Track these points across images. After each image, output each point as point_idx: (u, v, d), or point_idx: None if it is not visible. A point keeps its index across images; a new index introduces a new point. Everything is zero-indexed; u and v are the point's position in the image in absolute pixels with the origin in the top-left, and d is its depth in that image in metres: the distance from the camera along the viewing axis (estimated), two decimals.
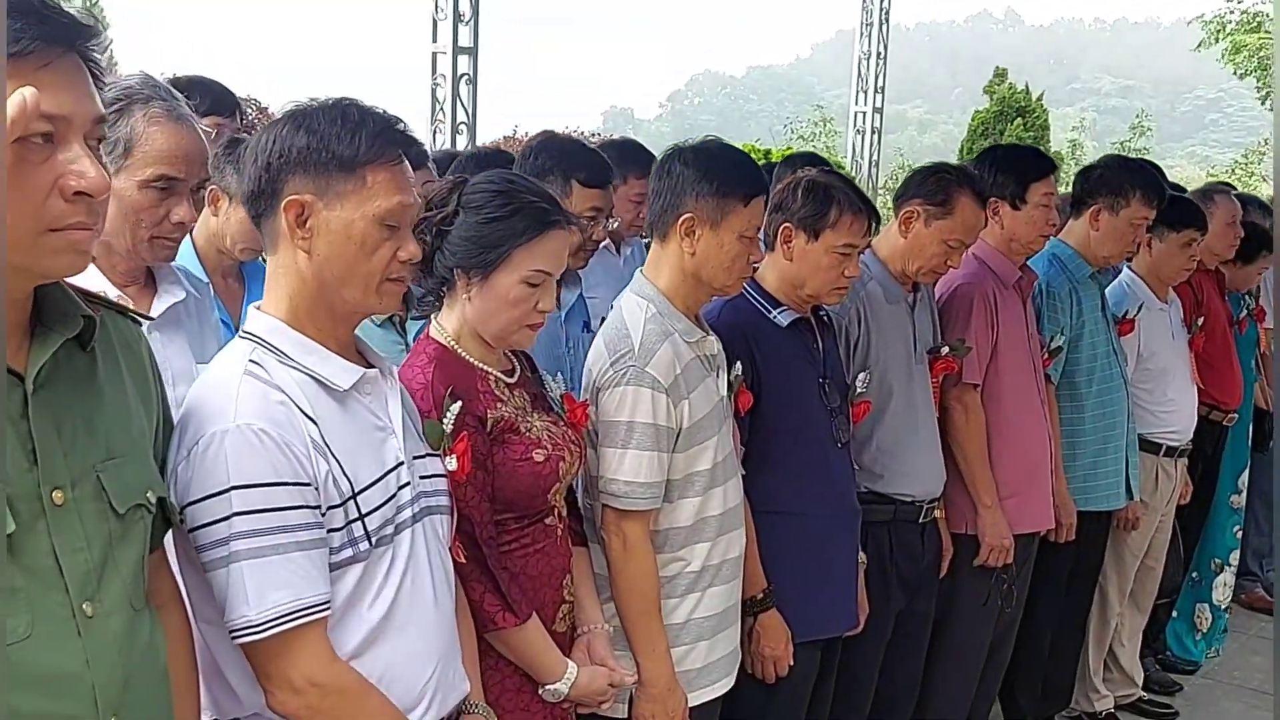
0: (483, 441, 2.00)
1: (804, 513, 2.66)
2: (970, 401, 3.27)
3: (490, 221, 2.00)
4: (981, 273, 3.35)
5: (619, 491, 2.23)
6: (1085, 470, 3.71)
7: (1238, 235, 4.49)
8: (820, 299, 2.69)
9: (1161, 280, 4.08)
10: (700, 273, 2.32)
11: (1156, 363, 4.04)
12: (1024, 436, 3.38)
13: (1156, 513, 4.14)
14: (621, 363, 2.25)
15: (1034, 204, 3.33)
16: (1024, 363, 3.39)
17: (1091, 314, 3.70)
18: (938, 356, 3.15)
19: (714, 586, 2.36)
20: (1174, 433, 4.08)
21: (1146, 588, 4.29)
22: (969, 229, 3.00)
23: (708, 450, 2.31)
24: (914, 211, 3.02)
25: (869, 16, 9.91)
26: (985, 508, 3.27)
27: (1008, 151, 3.44)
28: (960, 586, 3.35)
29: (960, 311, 3.28)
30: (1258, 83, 18.23)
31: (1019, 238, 3.36)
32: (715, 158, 2.31)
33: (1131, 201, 3.64)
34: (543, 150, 2.82)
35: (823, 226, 2.61)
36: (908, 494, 3.05)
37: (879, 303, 3.03)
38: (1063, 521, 3.61)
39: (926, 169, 3.05)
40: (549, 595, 2.11)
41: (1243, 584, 5.54)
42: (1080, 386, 3.69)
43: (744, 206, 2.28)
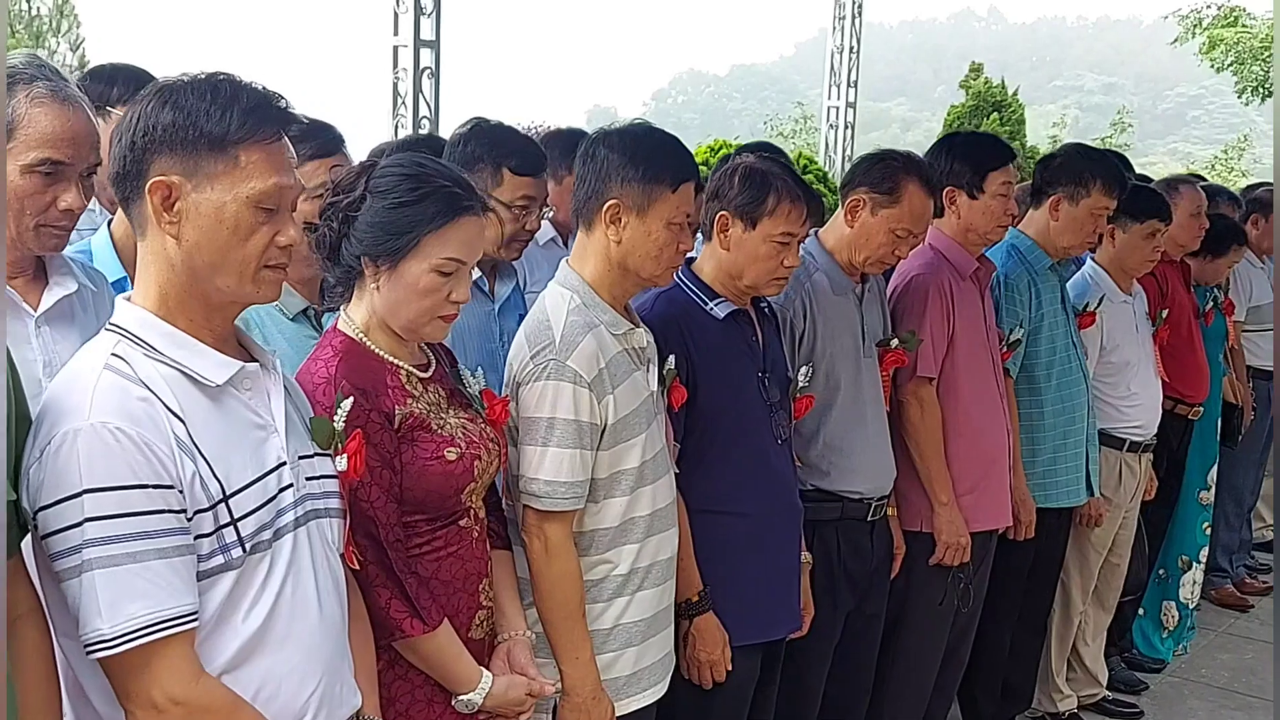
0: (390, 439, 1.89)
1: (742, 512, 2.56)
2: (925, 396, 3.18)
3: (398, 207, 1.90)
4: (937, 263, 3.26)
5: (539, 491, 2.13)
6: (1045, 466, 3.62)
7: (1202, 226, 4.42)
8: (759, 290, 2.59)
9: (1125, 272, 4.00)
10: (627, 262, 2.22)
11: (1119, 356, 3.95)
12: (981, 431, 3.29)
13: (1120, 509, 4.05)
14: (542, 356, 2.14)
15: (991, 193, 3.24)
16: (981, 356, 3.30)
17: (1051, 306, 3.61)
18: (887, 349, 3.05)
19: (643, 590, 2.26)
20: (1137, 427, 4.00)
21: (1111, 585, 4.21)
22: (917, 218, 2.90)
23: (635, 448, 2.21)
24: (860, 200, 2.92)
25: (842, 10, 9.82)
26: (941, 505, 3.18)
27: (965, 140, 3.35)
28: (915, 586, 3.25)
29: (915, 303, 3.19)
30: (1235, 77, 18.22)
31: (976, 228, 3.27)
32: (641, 141, 2.21)
33: (1092, 191, 3.55)
34: (472, 137, 2.70)
35: (760, 214, 2.51)
36: (856, 491, 2.95)
37: (825, 294, 2.94)
38: (1022, 519, 3.52)
39: (873, 156, 2.96)
40: (463, 601, 2.00)
41: (1212, 580, 5.47)
42: (1039, 380, 3.60)
43: (672, 192, 2.18)
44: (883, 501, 3.03)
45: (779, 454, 2.64)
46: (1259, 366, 5.40)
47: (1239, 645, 5.04)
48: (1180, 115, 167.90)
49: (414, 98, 6.72)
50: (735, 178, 2.54)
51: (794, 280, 2.90)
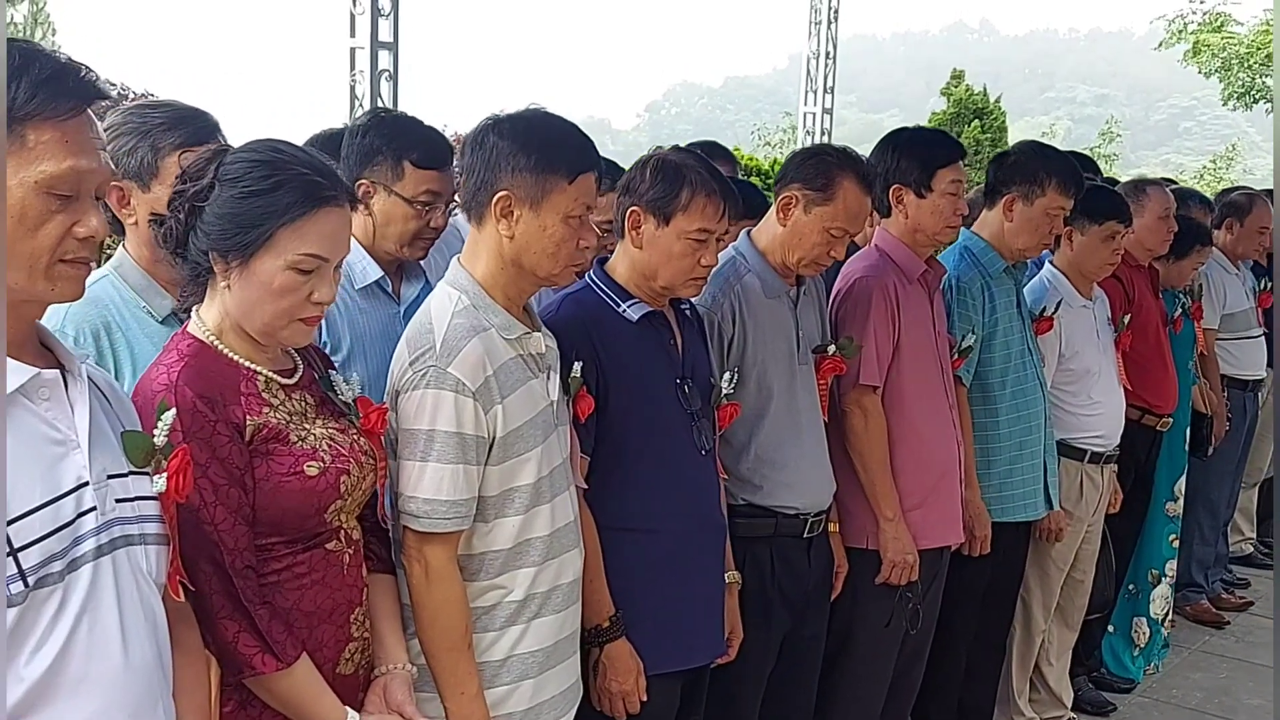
0: (239, 453, 1.71)
1: (658, 529, 2.38)
2: (870, 405, 3.01)
3: (248, 196, 1.72)
4: (882, 265, 3.09)
5: (418, 510, 1.95)
6: (1000, 478, 3.45)
7: (1171, 229, 4.25)
8: (675, 290, 2.42)
9: (1084, 275, 3.83)
10: (521, 259, 2.04)
11: (1080, 363, 3.78)
12: (930, 442, 3.12)
13: (1083, 523, 3.88)
14: (421, 362, 1.96)
15: (940, 192, 3.07)
16: (930, 363, 3.13)
17: (1006, 311, 3.44)
18: (825, 356, 2.88)
19: (541, 617, 2.08)
20: (1099, 437, 3.83)
21: (1075, 602, 4.04)
22: (852, 216, 2.73)
23: (529, 462, 2.03)
24: (792, 197, 2.75)
25: (817, 16, 9.69)
26: (886, 520, 3.01)
27: (912, 135, 3.18)
28: (860, 607, 3.08)
29: (858, 307, 3.02)
30: (1221, 82, 18.13)
31: (924, 228, 3.10)
32: (535, 128, 2.03)
33: (1047, 190, 3.39)
34: (371, 128, 2.53)
35: (673, 210, 2.34)
36: (790, 506, 2.78)
37: (756, 297, 2.77)
38: (976, 534, 3.35)
39: (806, 151, 2.79)
40: (329, 633, 1.82)
41: (1187, 595, 5.31)
42: (994, 389, 3.43)
43: (569, 183, 2.01)
44: (820, 517, 2.85)
45: (700, 466, 2.46)
46: (1234, 375, 5.24)
47: (1213, 664, 4.86)
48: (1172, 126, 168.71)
49: (371, 101, 6.55)
50: (646, 171, 2.37)
51: (723, 282, 2.75)
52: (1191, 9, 18.50)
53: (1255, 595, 5.64)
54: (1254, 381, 5.31)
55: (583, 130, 2.08)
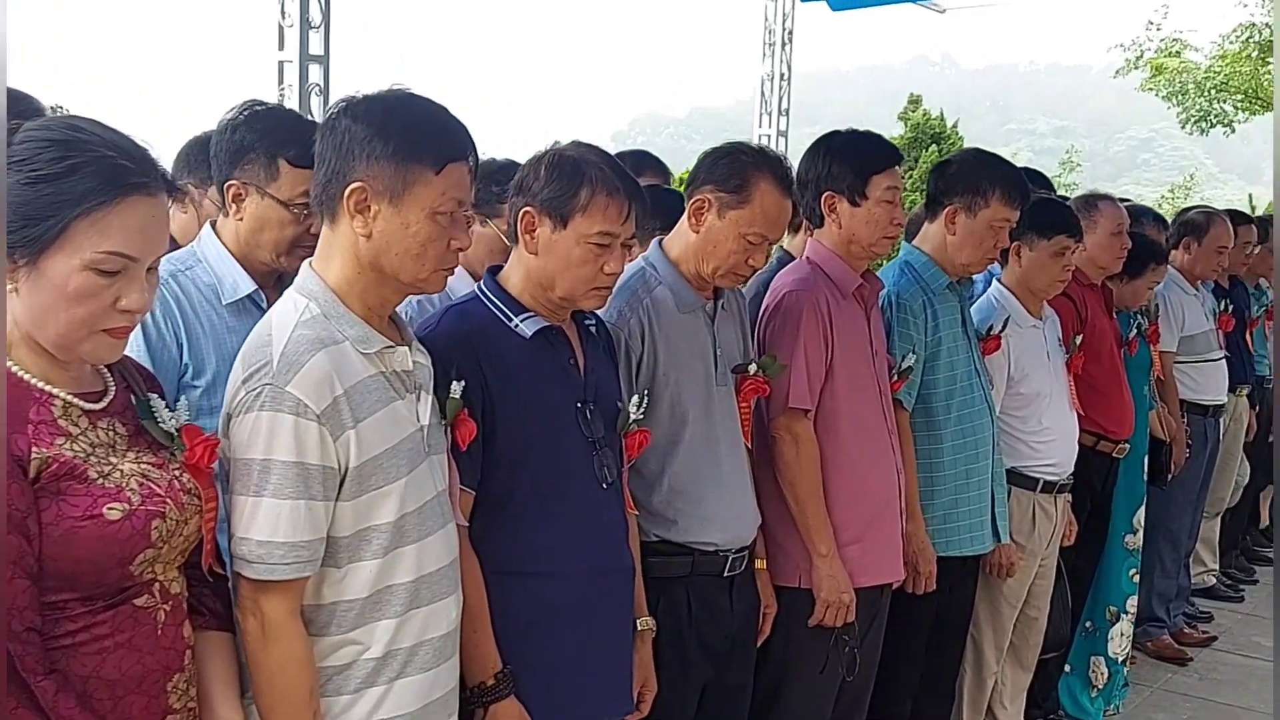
0: (22, 494, 1.44)
1: (554, 572, 2.11)
2: (801, 431, 2.76)
3: (36, 182, 1.46)
4: (813, 279, 2.85)
5: (251, 555, 1.67)
6: (945, 509, 3.21)
7: (1124, 246, 4.05)
8: (576, 302, 2.16)
9: (1033, 293, 3.62)
10: (381, 261, 1.78)
11: (1029, 386, 3.56)
12: (867, 471, 2.87)
13: (1035, 556, 3.65)
14: (255, 380, 1.69)
15: (875, 199, 2.84)
16: (867, 384, 2.89)
17: (950, 330, 3.21)
18: (746, 376, 2.63)
19: (406, 677, 1.80)
20: (1051, 465, 3.60)
21: (1029, 641, 3.80)
22: (771, 221, 2.49)
23: (390, 497, 1.76)
24: (705, 200, 2.51)
25: (771, 38, 9.54)
26: (820, 557, 2.75)
27: (845, 139, 2.95)
28: (793, 651, 2.82)
29: (786, 324, 2.78)
30: (1178, 108, 18.20)
31: (859, 238, 2.87)
32: (395, 110, 1.77)
33: (990, 201, 3.17)
34: (242, 124, 2.27)
35: (571, 211, 2.09)
36: (708, 542, 2.52)
37: (668, 312, 2.52)
38: (920, 570, 3.10)
39: (719, 150, 2.55)
40: (139, 705, 1.54)
41: (1149, 630, 5.09)
42: (937, 413, 3.19)
43: (435, 174, 1.75)
44: (743, 554, 2.59)
45: (604, 501, 2.20)
46: (1194, 400, 5.04)
47: (1175, 703, 4.63)
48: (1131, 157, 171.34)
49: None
50: (541, 168, 2.12)
51: (630, 295, 2.50)
52: (1148, 36, 18.60)
53: (1219, 629, 5.43)
54: (1215, 407, 5.12)
55: (454, 115, 1.82)
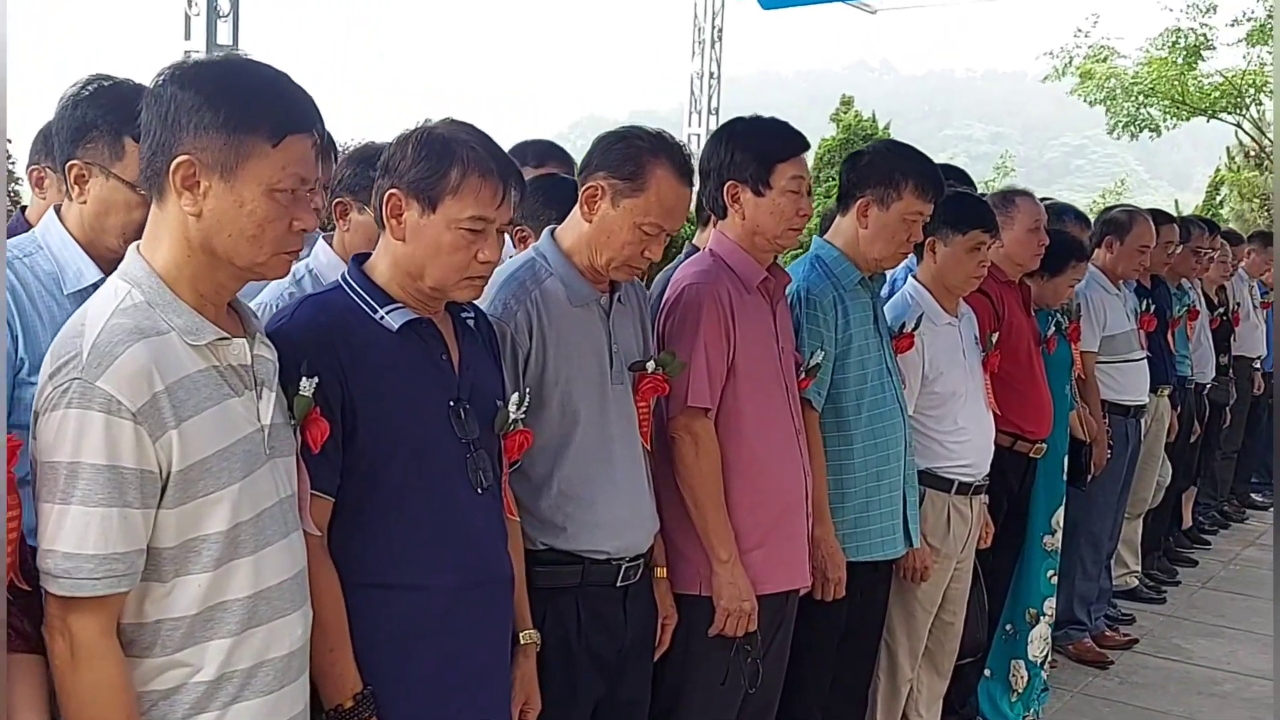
0: None
1: (421, 584, 1.96)
2: (700, 431, 2.63)
3: None
4: (715, 272, 2.72)
5: (57, 569, 1.50)
6: (856, 513, 3.10)
7: (1041, 243, 3.98)
8: (448, 293, 2.01)
9: (948, 290, 3.53)
10: (213, 243, 1.61)
11: (944, 385, 3.47)
12: (772, 473, 2.75)
13: (950, 559, 3.56)
14: (62, 375, 1.52)
15: (780, 189, 2.72)
16: (772, 383, 2.77)
17: (861, 327, 3.10)
18: (644, 374, 2.49)
19: (243, 701, 1.64)
20: (967, 466, 3.51)
21: (945, 646, 3.71)
22: (668, 210, 2.36)
23: (222, 504, 1.60)
24: (597, 188, 2.37)
25: (700, 35, 9.43)
26: (720, 563, 2.62)
27: (748, 126, 2.82)
28: (692, 663, 2.69)
29: (686, 319, 2.65)
30: (1106, 112, 18.44)
31: (764, 230, 2.74)
32: (229, 76, 1.61)
33: (903, 194, 3.07)
34: (87, 100, 2.09)
35: (440, 193, 1.93)
36: (600, 550, 2.38)
37: (559, 306, 2.37)
38: (829, 576, 2.99)
39: (612, 135, 2.41)
40: None
41: (1070, 633, 5.04)
42: (847, 413, 3.08)
43: (272, 147, 1.59)
44: (637, 562, 2.45)
45: (479, 507, 2.04)
46: (1115, 401, 5.00)
47: (1095, 708, 4.58)
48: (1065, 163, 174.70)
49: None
50: (409, 146, 1.96)
51: (517, 288, 2.35)
52: (1076, 43, 18.83)
53: (1141, 631, 5.40)
54: (1136, 407, 5.08)
55: (296, 84, 1.66)
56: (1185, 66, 17.38)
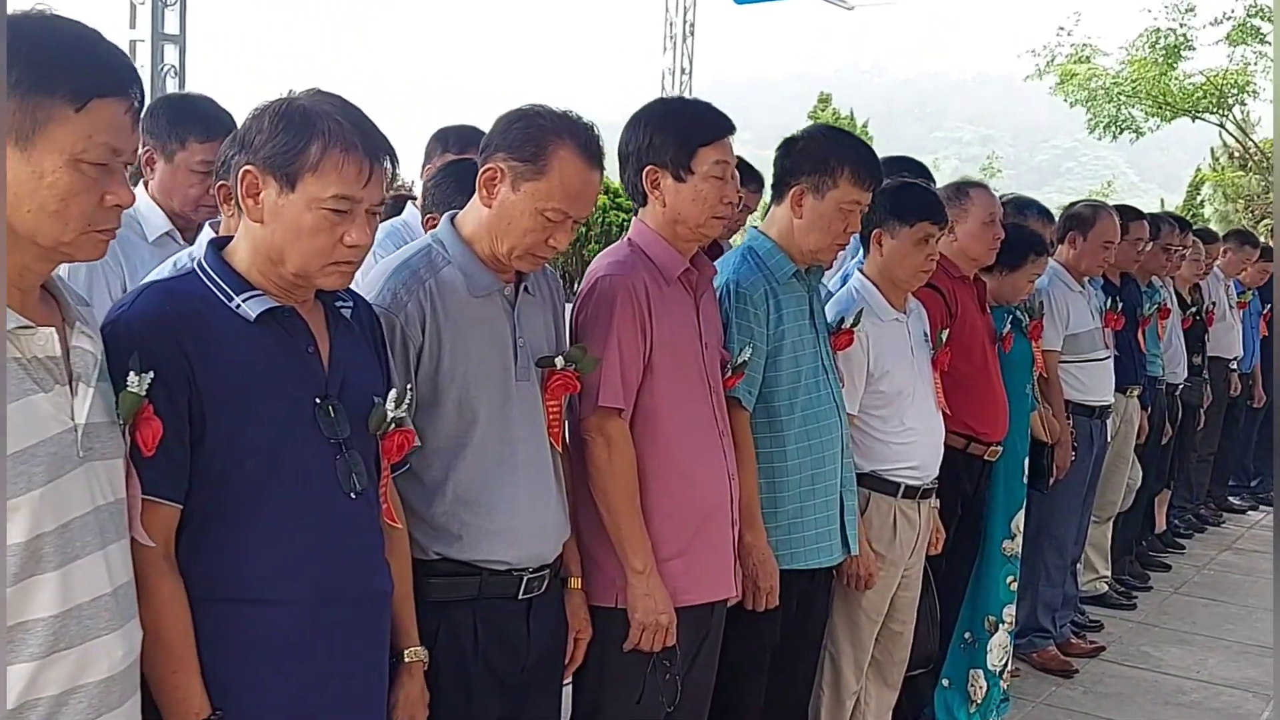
0: None
1: (277, 598, 1.79)
2: (613, 432, 2.46)
3: None
4: (633, 262, 2.56)
5: None
6: (790, 518, 2.94)
7: (997, 236, 3.83)
8: (311, 279, 1.84)
9: (896, 284, 3.37)
10: (13, 220, 1.43)
11: (890, 384, 3.31)
12: (693, 477, 2.59)
13: (897, 566, 3.40)
14: None
15: (703, 174, 2.55)
16: (694, 381, 2.61)
17: (796, 322, 2.94)
18: (553, 371, 2.33)
19: None
20: (913, 469, 3.35)
21: (894, 657, 3.55)
22: (573, 195, 2.19)
23: (19, 513, 1.43)
24: (496, 170, 2.20)
25: (672, 30, 9.26)
26: (635, 573, 2.46)
27: (669, 108, 2.65)
28: (609, 680, 2.53)
29: (600, 312, 2.48)
30: (1087, 113, 18.34)
31: (685, 218, 2.58)
32: (24, 33, 1.43)
33: (839, 181, 2.91)
34: None
35: (299, 170, 1.77)
36: (499, 560, 2.22)
37: (457, 296, 2.21)
38: (761, 585, 2.82)
39: (514, 113, 2.24)
40: None
41: (1034, 641, 4.89)
42: (780, 413, 2.92)
43: (75, 111, 1.43)
44: (543, 573, 2.29)
45: (350, 513, 1.87)
46: (1080, 401, 4.85)
47: (1057, 718, 4.43)
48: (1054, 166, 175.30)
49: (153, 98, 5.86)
50: (265, 119, 1.80)
51: (409, 276, 2.19)
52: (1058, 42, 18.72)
53: (1109, 639, 5.25)
54: (1101, 408, 4.93)
55: (111, 44, 1.49)
56: (1166, 66, 17.27)
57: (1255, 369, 7.72)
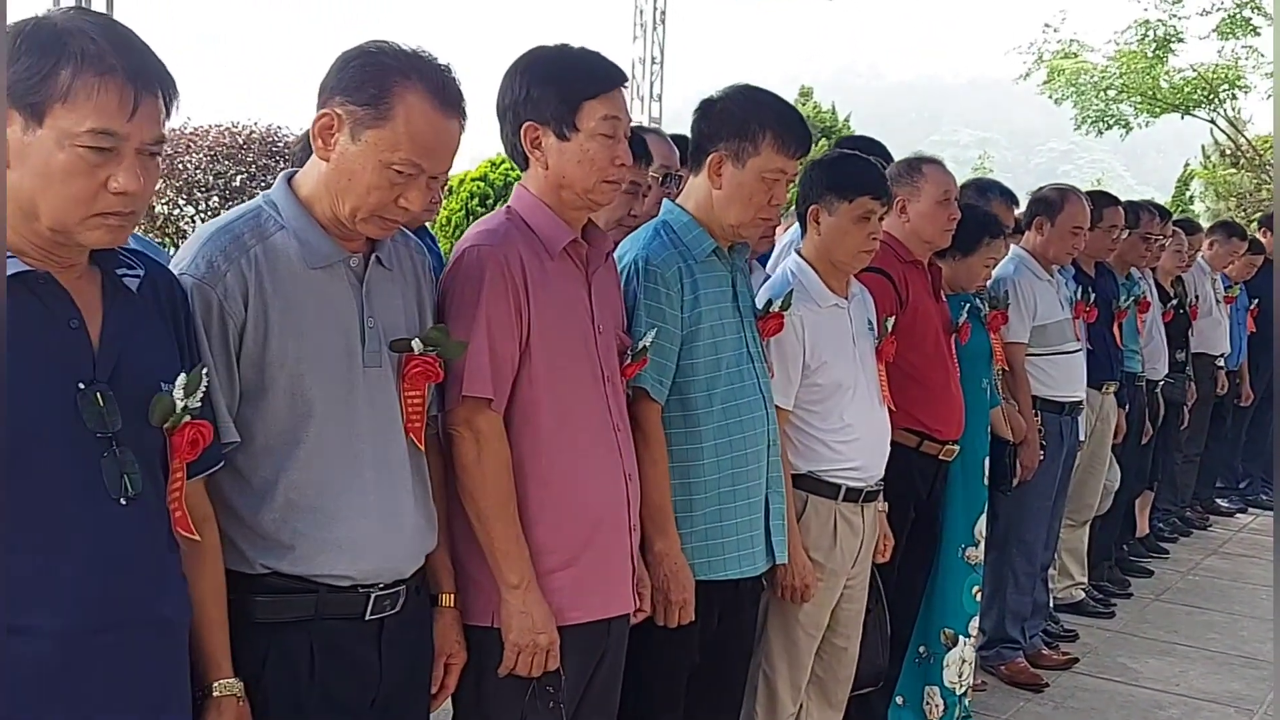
0: None
1: (26, 627, 1.48)
2: (484, 427, 2.15)
3: None
4: (508, 231, 2.24)
5: None
6: (707, 523, 2.63)
7: (952, 217, 3.54)
8: (72, 235, 1.53)
9: (836, 267, 3.07)
10: None
11: (828, 375, 3.01)
12: (581, 477, 2.26)
13: (839, 576, 3.10)
14: None
15: (589, 132, 2.23)
16: (583, 368, 2.29)
17: (715, 305, 2.64)
18: (411, 355, 2.02)
19: None
20: (854, 469, 3.05)
21: (838, 674, 3.24)
22: (424, 146, 1.88)
23: None
24: (332, 117, 1.89)
25: (642, 19, 8.95)
26: (509, 588, 2.15)
27: (549, 56, 2.30)
28: (486, 708, 2.22)
29: (465, 290, 2.16)
30: (1074, 108, 18.05)
31: (570, 181, 2.25)
32: None
33: (761, 147, 2.61)
34: None
35: (46, 100, 1.47)
36: (341, 575, 1.91)
37: (291, 267, 1.90)
38: (672, 598, 2.52)
39: (352, 50, 1.93)
40: None
41: (1001, 653, 4.59)
42: (697, 405, 2.61)
43: None
44: (396, 590, 1.98)
45: (122, 523, 1.56)
46: (1048, 397, 4.54)
47: None
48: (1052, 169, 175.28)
49: None
50: (14, 42, 1.49)
51: (231, 242, 1.89)
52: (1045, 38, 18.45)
53: (1083, 649, 4.94)
54: (1071, 404, 4.61)
55: None
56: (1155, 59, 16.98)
57: (1243, 366, 7.42)
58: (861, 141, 4.34)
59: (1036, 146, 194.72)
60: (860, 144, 4.33)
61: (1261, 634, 5.23)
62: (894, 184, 3.57)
